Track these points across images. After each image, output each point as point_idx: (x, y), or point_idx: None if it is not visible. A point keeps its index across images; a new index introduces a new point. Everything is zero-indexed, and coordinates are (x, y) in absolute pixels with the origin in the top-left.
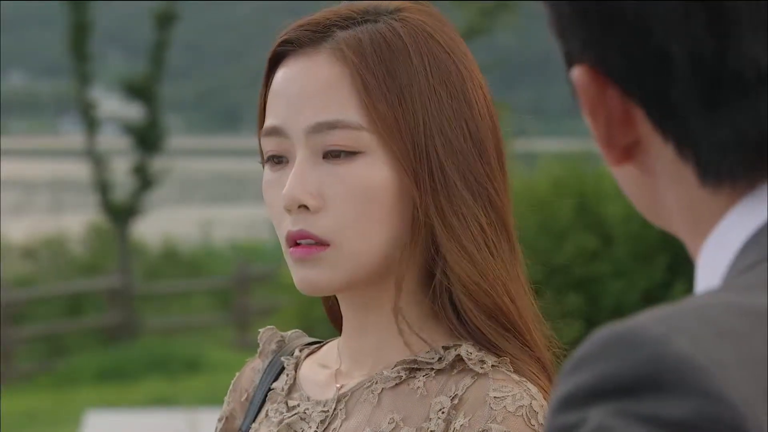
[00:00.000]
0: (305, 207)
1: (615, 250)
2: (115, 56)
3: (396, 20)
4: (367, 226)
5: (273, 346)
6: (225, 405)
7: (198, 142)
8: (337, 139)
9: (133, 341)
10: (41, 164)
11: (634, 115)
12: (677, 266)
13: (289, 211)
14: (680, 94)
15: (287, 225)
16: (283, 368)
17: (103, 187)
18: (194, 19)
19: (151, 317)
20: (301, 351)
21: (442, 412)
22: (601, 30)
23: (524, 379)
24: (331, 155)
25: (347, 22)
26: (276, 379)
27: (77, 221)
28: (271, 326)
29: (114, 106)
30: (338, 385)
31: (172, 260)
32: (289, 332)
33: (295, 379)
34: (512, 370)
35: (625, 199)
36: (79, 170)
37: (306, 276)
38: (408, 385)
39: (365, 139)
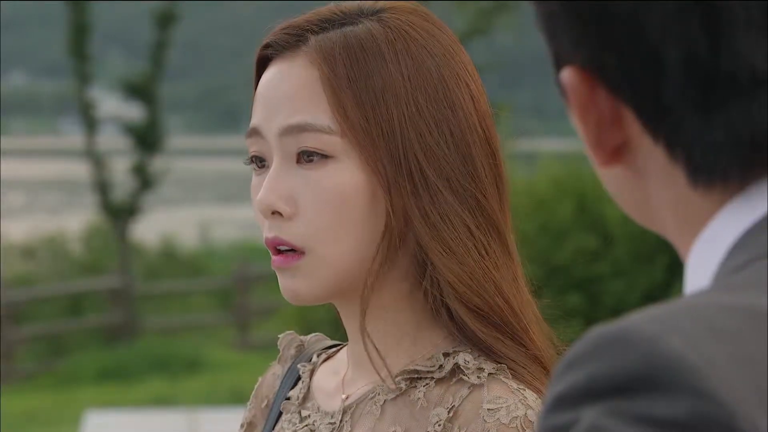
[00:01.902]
0: (279, 213)
1: (615, 250)
2: (115, 56)
3: (375, 21)
4: (341, 231)
5: (292, 351)
6: (246, 411)
7: (198, 142)
8: (308, 142)
9: (133, 341)
10: (41, 164)
11: (623, 116)
12: (677, 266)
13: (265, 217)
14: (673, 94)
15: (265, 231)
16: (300, 375)
17: (102, 187)
18: (194, 19)
19: (151, 317)
20: (318, 356)
21: (439, 425)
22: (594, 29)
23: (522, 387)
24: (304, 159)
25: (325, 24)
26: (294, 386)
27: (77, 221)
28: (291, 331)
29: (114, 106)
30: (344, 396)
31: (172, 260)
32: (310, 336)
33: (309, 387)
34: (510, 377)
35: None
36: (79, 170)
37: (287, 285)
38: (409, 396)
39: (337, 143)
